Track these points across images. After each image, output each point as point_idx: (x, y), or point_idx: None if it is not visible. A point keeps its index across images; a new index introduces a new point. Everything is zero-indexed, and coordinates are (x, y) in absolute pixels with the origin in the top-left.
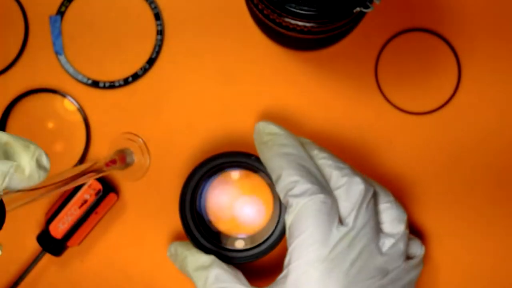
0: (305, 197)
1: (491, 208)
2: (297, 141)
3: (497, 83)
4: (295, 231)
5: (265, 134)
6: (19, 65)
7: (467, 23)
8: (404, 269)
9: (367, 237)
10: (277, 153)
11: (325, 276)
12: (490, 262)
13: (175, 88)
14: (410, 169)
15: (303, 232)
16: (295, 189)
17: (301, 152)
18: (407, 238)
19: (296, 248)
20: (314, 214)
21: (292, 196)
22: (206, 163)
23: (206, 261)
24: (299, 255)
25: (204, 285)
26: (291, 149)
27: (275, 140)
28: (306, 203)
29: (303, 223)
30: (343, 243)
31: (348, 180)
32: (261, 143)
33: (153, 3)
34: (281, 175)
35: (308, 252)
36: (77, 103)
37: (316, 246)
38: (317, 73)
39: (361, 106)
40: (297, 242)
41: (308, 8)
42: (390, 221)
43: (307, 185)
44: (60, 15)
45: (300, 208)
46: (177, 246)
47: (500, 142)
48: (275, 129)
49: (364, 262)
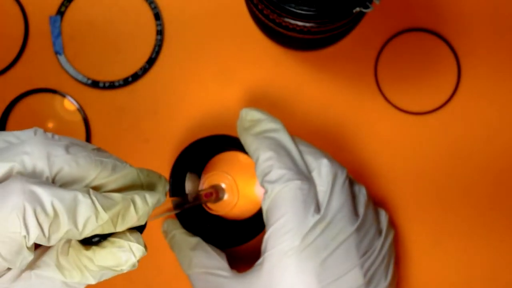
0: (280, 183)
1: (490, 208)
2: (280, 125)
3: (496, 83)
4: (270, 218)
5: (247, 120)
6: (19, 65)
7: (467, 23)
8: (379, 243)
9: (344, 221)
10: (256, 138)
11: (299, 265)
12: (489, 262)
13: (175, 88)
14: (410, 169)
15: (278, 219)
16: (271, 174)
17: (283, 136)
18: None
19: (271, 236)
20: (289, 201)
21: (267, 181)
22: (192, 147)
23: (191, 243)
24: (274, 243)
25: (188, 267)
26: (271, 133)
27: (256, 126)
28: (281, 190)
29: (278, 210)
30: (317, 229)
31: (318, 164)
32: (243, 129)
33: (153, 3)
34: (258, 159)
35: (282, 241)
36: (77, 103)
37: (291, 234)
38: (317, 73)
39: (360, 106)
40: (271, 230)
41: (307, 8)
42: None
43: (282, 170)
44: (60, 15)
45: (275, 195)
46: (169, 223)
47: (500, 142)
48: (257, 115)
49: (340, 246)
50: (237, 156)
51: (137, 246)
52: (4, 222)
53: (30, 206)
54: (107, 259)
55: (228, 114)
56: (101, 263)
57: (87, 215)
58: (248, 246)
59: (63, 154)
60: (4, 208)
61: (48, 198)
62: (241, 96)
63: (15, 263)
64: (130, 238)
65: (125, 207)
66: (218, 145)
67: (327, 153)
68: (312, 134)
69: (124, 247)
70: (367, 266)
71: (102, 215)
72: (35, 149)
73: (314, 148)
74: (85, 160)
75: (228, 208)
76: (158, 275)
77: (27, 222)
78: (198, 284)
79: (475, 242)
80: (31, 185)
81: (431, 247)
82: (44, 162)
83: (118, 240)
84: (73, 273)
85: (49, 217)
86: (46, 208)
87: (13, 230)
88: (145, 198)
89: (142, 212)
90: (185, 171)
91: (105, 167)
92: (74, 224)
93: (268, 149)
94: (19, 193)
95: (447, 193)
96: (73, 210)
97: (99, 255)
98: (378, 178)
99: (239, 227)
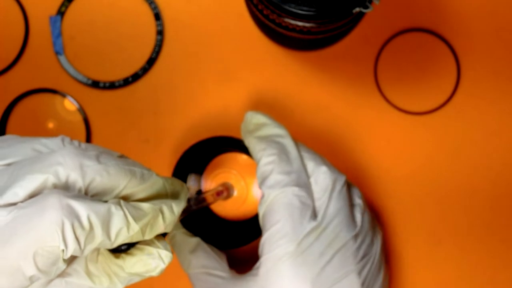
0: (277, 189)
1: (490, 208)
2: (285, 131)
3: (496, 83)
4: (266, 223)
5: (252, 123)
6: (19, 65)
7: (467, 23)
8: (376, 248)
9: (340, 227)
10: (260, 140)
11: (294, 270)
12: (489, 262)
13: (175, 88)
14: (409, 169)
15: (273, 225)
16: (269, 178)
17: (288, 142)
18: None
19: (266, 241)
20: (285, 207)
21: (265, 186)
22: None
23: (191, 243)
24: (269, 248)
25: (188, 268)
26: (276, 138)
27: (261, 130)
28: (277, 196)
29: (273, 215)
30: (313, 235)
31: (317, 170)
32: (247, 131)
33: (153, 3)
34: (259, 162)
35: (277, 246)
36: (77, 103)
37: (286, 239)
38: (317, 73)
39: (360, 106)
40: (267, 235)
41: (307, 8)
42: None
43: (281, 176)
44: (60, 15)
45: (271, 200)
46: None
47: (500, 142)
48: (262, 119)
49: (337, 253)
50: (238, 157)
51: (166, 252)
52: (43, 236)
53: (68, 220)
54: (137, 266)
55: (228, 114)
56: (131, 270)
57: (119, 227)
58: (250, 247)
59: (95, 164)
60: (43, 222)
61: (85, 212)
62: (241, 96)
63: (49, 274)
64: (159, 245)
65: (154, 217)
66: (220, 146)
67: (326, 160)
68: (311, 134)
69: (153, 254)
70: (364, 273)
71: (133, 226)
72: (68, 160)
73: (314, 154)
74: (115, 169)
75: (238, 204)
76: (161, 275)
77: (66, 236)
78: (198, 284)
79: (475, 242)
80: (68, 199)
81: (431, 247)
82: (77, 173)
83: (147, 247)
84: (102, 280)
85: (85, 230)
86: (82, 222)
87: (52, 244)
88: (172, 208)
89: (169, 221)
90: (187, 172)
91: (134, 176)
92: (107, 236)
93: (271, 153)
94: (57, 208)
95: (446, 193)
96: (107, 222)
97: (129, 263)
98: (377, 178)
99: (240, 228)
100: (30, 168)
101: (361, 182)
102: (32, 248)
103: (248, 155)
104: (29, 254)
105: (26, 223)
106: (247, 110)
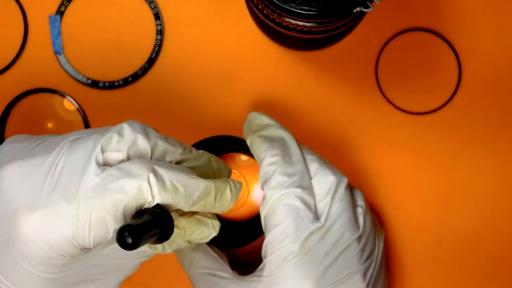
0: (279, 190)
1: (491, 208)
2: (288, 134)
3: (497, 83)
4: (269, 224)
5: (255, 124)
6: (18, 64)
7: (467, 23)
8: (379, 249)
9: (344, 228)
10: (263, 141)
11: (298, 270)
12: (489, 262)
13: (175, 88)
14: (410, 169)
15: (276, 226)
16: (271, 179)
17: (291, 144)
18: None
19: (270, 242)
20: (288, 209)
21: (267, 187)
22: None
23: (192, 244)
24: (273, 249)
25: (189, 268)
26: (277, 139)
27: (264, 131)
28: (280, 197)
29: (276, 217)
30: (316, 236)
31: (320, 172)
32: (249, 132)
33: (153, 3)
34: (262, 162)
35: (281, 247)
36: (77, 103)
37: (289, 240)
38: (317, 73)
39: (361, 106)
40: (270, 236)
41: (308, 8)
42: None
43: (283, 177)
44: (59, 15)
45: (273, 202)
46: None
47: (500, 142)
48: (266, 120)
49: (341, 254)
50: (239, 157)
51: (217, 222)
52: (135, 189)
53: (155, 179)
54: (196, 234)
55: (228, 114)
56: (190, 237)
57: (200, 191)
58: (251, 248)
59: (155, 131)
60: (136, 178)
61: (167, 175)
62: (241, 96)
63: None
64: (211, 216)
65: (224, 188)
66: (220, 145)
67: (328, 161)
68: (312, 134)
69: (208, 224)
70: (369, 274)
71: (212, 193)
72: (135, 125)
73: (317, 156)
74: (170, 138)
75: (239, 204)
76: (158, 275)
77: (153, 191)
78: (199, 285)
79: (475, 242)
80: (153, 164)
81: (432, 248)
82: (144, 136)
83: (203, 218)
84: (157, 246)
85: (169, 190)
86: (166, 182)
87: (141, 196)
88: (235, 184)
89: (234, 193)
90: None
91: (184, 145)
92: (191, 198)
93: (274, 154)
94: (147, 169)
95: (447, 193)
96: (190, 188)
97: (188, 231)
98: (378, 178)
99: (241, 229)
100: (107, 131)
101: (362, 182)
102: (122, 202)
103: (248, 155)
104: (119, 208)
105: (117, 180)
106: (249, 111)
